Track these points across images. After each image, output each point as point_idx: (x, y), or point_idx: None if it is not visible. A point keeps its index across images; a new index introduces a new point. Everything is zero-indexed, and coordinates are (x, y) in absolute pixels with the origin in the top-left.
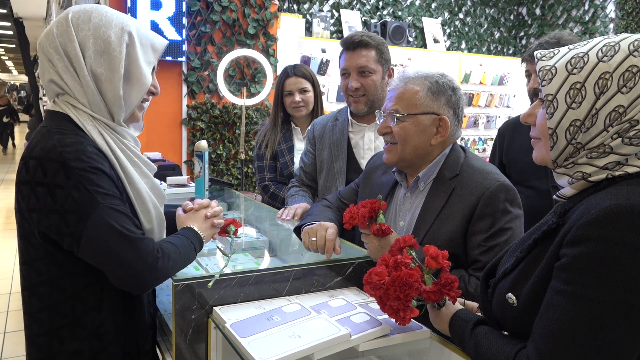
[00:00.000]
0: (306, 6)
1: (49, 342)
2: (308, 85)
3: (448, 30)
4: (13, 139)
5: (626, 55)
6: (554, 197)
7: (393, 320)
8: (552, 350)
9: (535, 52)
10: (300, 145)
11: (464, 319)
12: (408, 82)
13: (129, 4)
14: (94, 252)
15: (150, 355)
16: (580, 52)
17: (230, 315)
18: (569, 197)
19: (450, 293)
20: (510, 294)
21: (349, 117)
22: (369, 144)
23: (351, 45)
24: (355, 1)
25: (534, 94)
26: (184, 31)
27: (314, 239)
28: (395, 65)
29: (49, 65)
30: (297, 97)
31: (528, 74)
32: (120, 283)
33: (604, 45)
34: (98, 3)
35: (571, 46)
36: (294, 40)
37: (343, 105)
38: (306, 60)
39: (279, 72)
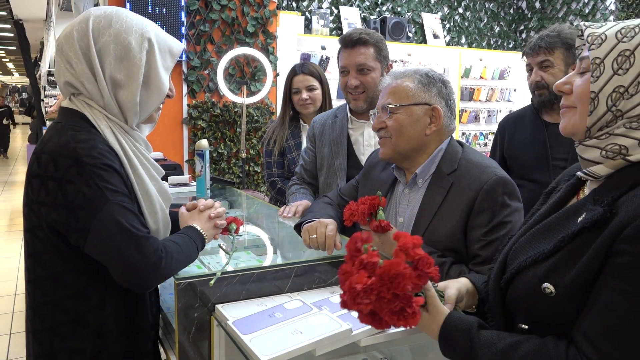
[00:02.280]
0: (305, 3)
1: (50, 338)
2: (315, 83)
3: (448, 25)
4: (7, 146)
5: None
6: (579, 173)
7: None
8: (617, 352)
9: (580, 23)
10: None
11: (460, 329)
12: (398, 78)
13: (127, 5)
14: (99, 248)
15: (152, 355)
16: (630, 25)
17: (232, 312)
18: (603, 177)
19: (431, 271)
20: (547, 284)
21: (349, 114)
22: (368, 140)
23: (349, 43)
24: None
25: (535, 87)
26: (183, 30)
27: (314, 236)
28: (395, 61)
29: (67, 68)
30: (305, 95)
31: (529, 68)
32: (123, 280)
33: None
34: (97, 4)
35: (618, 22)
36: (293, 37)
37: (343, 102)
38: (306, 58)
39: (279, 70)
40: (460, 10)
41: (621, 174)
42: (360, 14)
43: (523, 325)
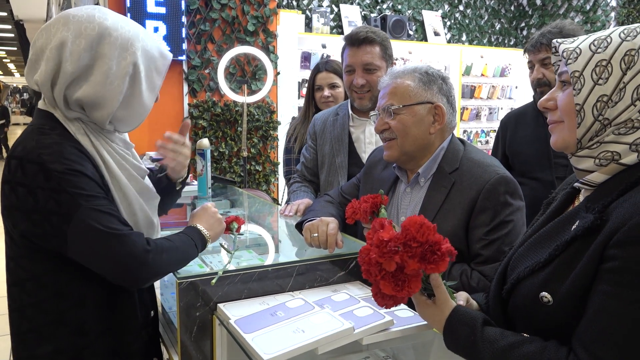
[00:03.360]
0: (305, 2)
1: (33, 339)
2: (338, 81)
3: (448, 23)
4: (7, 146)
5: None
6: (576, 184)
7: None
8: (612, 355)
9: (553, 40)
10: None
11: (465, 322)
12: (397, 77)
13: (128, 4)
14: (80, 253)
15: (142, 353)
16: (601, 36)
17: (234, 311)
18: (599, 184)
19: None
20: (544, 293)
21: (350, 112)
22: (370, 137)
23: (356, 41)
24: None
25: (537, 85)
26: (183, 30)
27: (316, 234)
28: (397, 59)
29: (34, 79)
30: (326, 92)
31: (531, 65)
32: (114, 279)
33: (624, 29)
34: (97, 4)
35: (589, 35)
36: (294, 36)
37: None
38: (307, 56)
39: (279, 68)
40: (461, 8)
41: (613, 180)
42: (361, 12)
43: (524, 334)
